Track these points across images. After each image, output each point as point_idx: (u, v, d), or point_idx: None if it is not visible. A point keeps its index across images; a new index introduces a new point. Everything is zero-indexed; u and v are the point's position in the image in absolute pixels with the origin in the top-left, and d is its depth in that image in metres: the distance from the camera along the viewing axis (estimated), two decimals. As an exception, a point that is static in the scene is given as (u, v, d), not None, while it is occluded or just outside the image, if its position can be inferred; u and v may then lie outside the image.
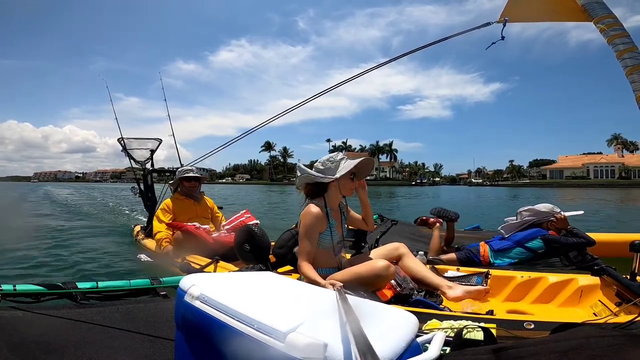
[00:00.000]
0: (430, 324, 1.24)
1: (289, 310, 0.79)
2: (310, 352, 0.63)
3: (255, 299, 0.86)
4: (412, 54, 2.44)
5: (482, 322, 1.25)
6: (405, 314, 0.85)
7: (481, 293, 2.03)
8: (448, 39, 2.35)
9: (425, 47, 2.33)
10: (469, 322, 1.14)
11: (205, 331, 0.82)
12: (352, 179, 2.00)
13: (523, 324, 1.32)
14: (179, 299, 0.89)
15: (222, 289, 0.89)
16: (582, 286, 1.85)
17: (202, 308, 0.83)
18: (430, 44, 2.37)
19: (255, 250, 2.46)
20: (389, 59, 2.53)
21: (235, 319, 0.76)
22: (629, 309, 1.45)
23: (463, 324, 1.10)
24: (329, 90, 2.57)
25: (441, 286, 2.05)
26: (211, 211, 3.66)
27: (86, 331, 1.15)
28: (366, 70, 2.52)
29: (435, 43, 2.32)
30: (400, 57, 2.36)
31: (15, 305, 1.29)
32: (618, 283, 1.64)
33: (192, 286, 0.89)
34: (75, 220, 7.84)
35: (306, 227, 1.93)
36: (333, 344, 0.65)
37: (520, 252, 2.52)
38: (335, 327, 0.73)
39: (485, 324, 1.21)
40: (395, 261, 2.19)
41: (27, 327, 1.12)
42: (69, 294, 1.47)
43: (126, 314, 1.34)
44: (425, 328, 1.21)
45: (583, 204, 15.14)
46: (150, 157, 4.52)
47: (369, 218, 2.21)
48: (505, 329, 1.21)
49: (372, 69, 2.51)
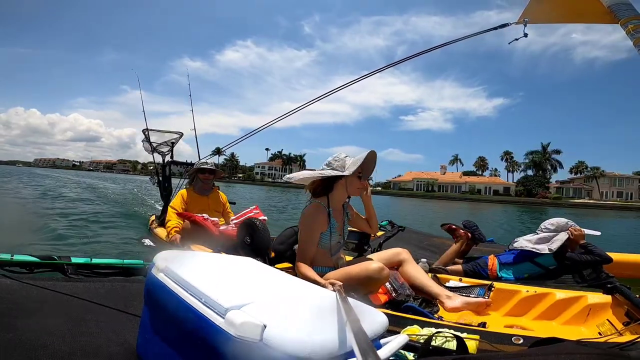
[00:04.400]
0: (409, 329, 1.19)
1: (244, 291, 0.77)
2: (246, 330, 0.61)
3: (218, 277, 0.85)
4: (414, 59, 2.39)
5: (465, 332, 1.19)
6: (375, 313, 0.82)
7: (481, 305, 1.93)
8: (464, 39, 2.28)
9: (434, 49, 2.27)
10: (446, 331, 1.08)
11: (165, 304, 0.82)
12: (359, 177, 1.97)
13: (511, 339, 1.23)
14: (149, 273, 0.90)
15: (189, 265, 0.89)
16: (591, 304, 1.72)
17: (163, 280, 0.84)
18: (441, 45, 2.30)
19: (256, 244, 2.47)
20: (391, 64, 2.48)
21: (187, 292, 0.76)
22: (635, 329, 1.33)
23: (434, 332, 1.04)
24: (329, 94, 2.55)
25: (440, 295, 1.97)
26: (223, 206, 3.74)
27: (66, 303, 1.16)
28: (365, 75, 2.49)
29: (450, 44, 2.25)
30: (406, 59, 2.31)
31: (8, 274, 1.33)
32: (629, 302, 1.51)
33: (161, 260, 0.90)
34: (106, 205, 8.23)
35: (307, 227, 1.92)
36: (281, 326, 0.63)
37: (529, 267, 2.38)
38: (307, 317, 0.71)
39: (467, 334, 1.15)
40: (396, 267, 2.13)
41: (10, 295, 1.15)
42: (61, 268, 1.51)
43: (111, 290, 1.36)
44: (403, 333, 1.15)
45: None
46: (170, 149, 4.68)
47: (373, 221, 2.17)
48: (488, 342, 1.13)
49: (373, 72, 2.47)
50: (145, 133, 4.66)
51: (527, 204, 42.72)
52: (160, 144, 4.65)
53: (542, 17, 2.12)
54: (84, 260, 1.58)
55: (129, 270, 1.67)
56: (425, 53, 2.33)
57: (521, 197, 49.45)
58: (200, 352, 0.70)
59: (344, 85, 2.49)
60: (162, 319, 0.86)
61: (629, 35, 1.69)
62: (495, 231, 9.83)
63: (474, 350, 1.04)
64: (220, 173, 3.85)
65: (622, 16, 1.78)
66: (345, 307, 0.70)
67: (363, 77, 2.46)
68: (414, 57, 2.36)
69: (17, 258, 1.44)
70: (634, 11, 1.77)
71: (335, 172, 1.93)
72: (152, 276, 0.88)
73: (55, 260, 1.53)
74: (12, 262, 1.42)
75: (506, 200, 46.81)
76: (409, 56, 2.40)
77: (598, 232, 2.50)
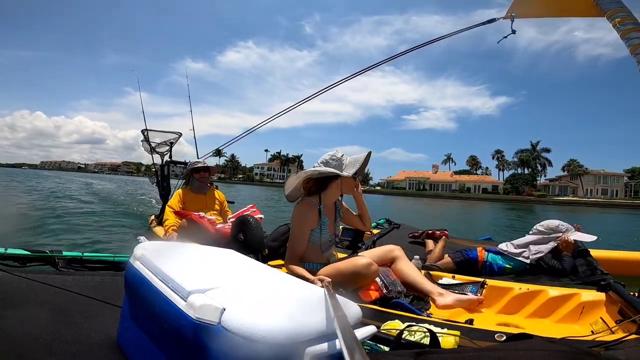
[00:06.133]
0: (389, 324, 1.17)
1: (213, 278, 0.76)
2: (204, 313, 0.61)
3: (191, 265, 0.85)
4: (414, 56, 2.37)
5: (447, 328, 1.17)
6: (349, 304, 0.81)
7: (474, 303, 1.91)
8: (450, 35, 2.26)
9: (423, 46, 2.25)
10: (425, 325, 1.06)
11: (139, 291, 0.82)
12: (354, 176, 1.96)
13: (494, 335, 1.21)
14: (128, 263, 0.91)
15: (165, 254, 0.89)
16: (584, 302, 1.69)
17: (139, 268, 0.84)
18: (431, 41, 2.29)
19: (248, 241, 2.47)
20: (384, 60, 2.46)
21: (157, 277, 0.76)
22: (626, 327, 1.30)
23: (414, 328, 1.03)
24: (326, 89, 2.54)
25: (432, 293, 1.95)
26: (220, 204, 3.74)
27: (54, 295, 1.17)
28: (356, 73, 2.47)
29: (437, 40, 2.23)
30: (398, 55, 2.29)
31: (1, 267, 1.34)
32: (622, 299, 1.48)
33: (140, 249, 0.91)
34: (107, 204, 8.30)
35: (297, 224, 1.92)
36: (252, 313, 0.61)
37: (512, 259, 2.45)
38: (274, 304, 0.69)
39: (448, 330, 1.13)
40: (388, 264, 2.12)
41: (1, 287, 1.16)
42: (53, 261, 1.53)
43: (100, 284, 1.36)
44: (384, 328, 1.14)
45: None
46: (169, 149, 4.70)
47: (365, 218, 2.17)
48: (469, 339, 1.11)
49: (368, 68, 2.45)
50: (144, 133, 4.69)
51: (513, 201, 43.23)
52: (159, 144, 4.69)
53: (530, 12, 2.10)
54: (76, 254, 1.60)
55: (119, 265, 1.67)
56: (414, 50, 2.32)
57: (507, 195, 50.45)
58: (168, 337, 0.71)
59: (336, 83, 2.49)
60: (138, 307, 0.86)
61: (616, 28, 1.67)
62: (488, 229, 9.90)
63: (452, 346, 1.03)
64: (215, 169, 3.87)
65: (608, 9, 1.76)
66: (333, 303, 0.69)
67: (355, 74, 2.45)
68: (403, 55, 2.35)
69: (10, 252, 1.46)
70: (620, 4, 1.75)
71: (334, 170, 1.92)
72: (130, 265, 0.88)
73: (47, 254, 1.54)
74: (4, 256, 1.43)
75: (493, 199, 47.65)
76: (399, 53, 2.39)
77: (593, 237, 2.34)
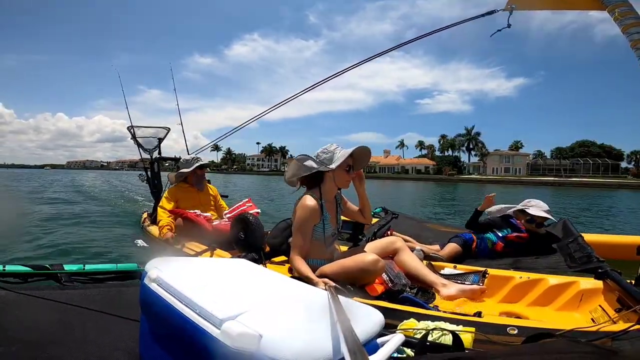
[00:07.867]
0: (406, 323, 1.18)
1: (238, 300, 0.76)
2: (243, 341, 0.61)
3: (210, 286, 0.84)
4: (417, 41, 2.34)
5: (461, 324, 1.19)
6: (371, 312, 0.81)
7: (476, 293, 1.95)
8: (451, 27, 2.24)
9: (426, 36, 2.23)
10: (442, 324, 1.08)
11: (161, 315, 0.81)
12: (347, 170, 1.94)
13: (506, 329, 1.25)
14: (142, 282, 0.89)
15: (181, 273, 0.88)
16: (583, 290, 1.75)
17: (157, 291, 0.82)
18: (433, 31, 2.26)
19: (250, 239, 2.45)
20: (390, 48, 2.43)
21: (182, 303, 0.75)
22: (627, 316, 1.35)
23: (431, 327, 1.05)
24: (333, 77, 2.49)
25: (435, 284, 1.99)
26: (214, 199, 3.68)
27: (64, 312, 1.15)
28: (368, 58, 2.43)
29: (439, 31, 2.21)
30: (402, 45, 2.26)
31: (2, 285, 1.30)
32: (620, 288, 1.53)
33: (153, 269, 0.89)
34: (90, 204, 8.10)
35: (300, 220, 1.90)
36: (279, 335, 0.63)
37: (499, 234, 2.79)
38: (302, 323, 0.70)
39: (463, 326, 1.15)
40: (390, 256, 2.13)
41: (6, 306, 1.14)
42: (55, 276, 1.48)
43: (108, 296, 1.34)
44: (400, 328, 1.15)
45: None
46: (158, 145, 4.58)
47: (367, 211, 2.14)
48: (483, 334, 1.14)
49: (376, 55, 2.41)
50: (130, 130, 4.55)
51: (432, 180, 50.12)
52: (148, 138, 4.55)
53: (530, 3, 2.08)
54: (77, 267, 1.56)
55: (123, 274, 1.65)
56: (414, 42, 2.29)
57: (429, 175, 58.56)
58: None
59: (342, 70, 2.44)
60: (160, 328, 0.85)
61: (617, 22, 1.68)
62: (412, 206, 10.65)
63: (470, 343, 1.05)
64: (209, 166, 3.86)
65: (609, 2, 1.76)
66: (336, 308, 0.69)
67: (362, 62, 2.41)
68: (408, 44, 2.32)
69: (8, 269, 1.41)
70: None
71: (320, 166, 1.91)
72: (145, 286, 0.87)
73: (48, 269, 1.50)
74: (4, 273, 1.38)
75: (418, 178, 54.84)
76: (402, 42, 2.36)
77: (548, 214, 2.72)
